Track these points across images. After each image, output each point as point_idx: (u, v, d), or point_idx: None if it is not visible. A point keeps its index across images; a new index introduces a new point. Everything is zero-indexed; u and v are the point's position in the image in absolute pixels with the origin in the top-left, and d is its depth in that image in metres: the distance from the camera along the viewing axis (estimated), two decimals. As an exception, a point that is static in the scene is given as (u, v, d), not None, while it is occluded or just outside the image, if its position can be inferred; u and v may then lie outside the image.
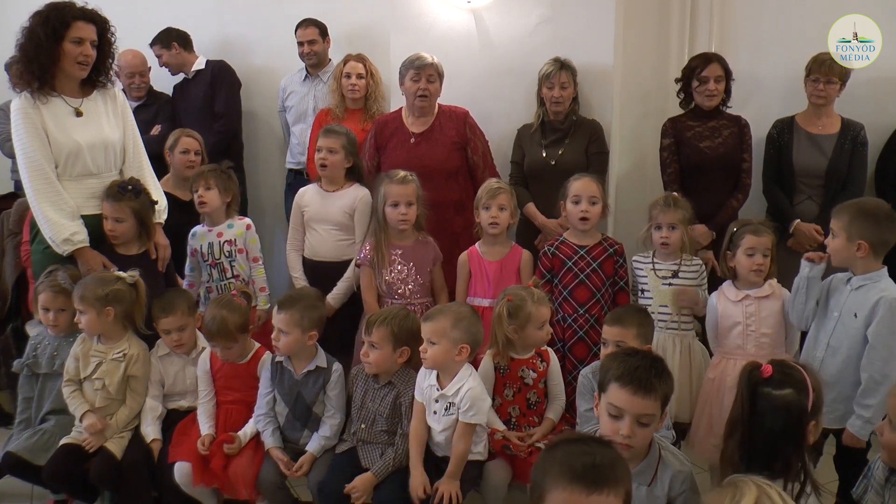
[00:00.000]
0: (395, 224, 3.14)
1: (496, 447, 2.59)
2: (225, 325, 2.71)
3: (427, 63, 3.48)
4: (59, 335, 2.91)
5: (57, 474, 2.68)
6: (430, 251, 3.23)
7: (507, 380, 2.68)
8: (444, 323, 2.47)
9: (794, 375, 1.93)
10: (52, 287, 2.82)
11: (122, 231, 3.02)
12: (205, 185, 3.29)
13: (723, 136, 3.58)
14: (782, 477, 1.86)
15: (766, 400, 1.90)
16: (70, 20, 2.85)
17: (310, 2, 4.56)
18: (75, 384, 2.80)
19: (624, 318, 2.57)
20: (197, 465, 2.64)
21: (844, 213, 2.51)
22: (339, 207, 3.38)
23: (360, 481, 2.51)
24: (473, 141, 3.60)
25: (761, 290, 2.76)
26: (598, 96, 3.79)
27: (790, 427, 1.87)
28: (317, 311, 2.70)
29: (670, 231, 2.96)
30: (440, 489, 2.42)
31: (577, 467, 1.46)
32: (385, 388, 2.65)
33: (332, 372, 2.71)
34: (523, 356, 2.70)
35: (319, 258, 3.42)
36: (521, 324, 2.63)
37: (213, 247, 3.32)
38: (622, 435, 1.92)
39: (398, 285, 3.15)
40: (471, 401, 2.43)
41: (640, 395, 1.92)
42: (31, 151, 2.86)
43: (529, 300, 2.64)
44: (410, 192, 3.13)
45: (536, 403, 2.71)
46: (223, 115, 4.58)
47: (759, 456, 1.89)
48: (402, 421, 2.62)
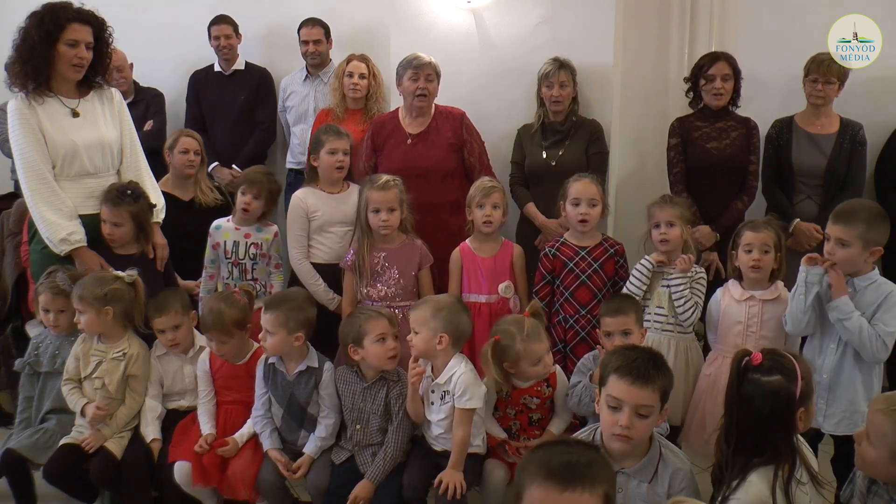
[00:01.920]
0: (376, 230, 3.13)
1: (493, 444, 2.60)
2: (221, 318, 2.70)
3: (425, 62, 3.48)
4: (61, 334, 2.91)
5: (56, 474, 2.68)
6: (417, 254, 3.20)
7: (508, 403, 2.64)
8: (425, 312, 2.52)
9: (783, 363, 1.96)
10: (52, 288, 2.82)
11: (121, 235, 3.03)
12: (255, 193, 3.34)
13: (730, 138, 3.57)
14: (772, 463, 1.89)
15: (754, 385, 1.94)
16: (65, 22, 2.84)
17: (310, 2, 4.56)
18: (75, 383, 2.80)
19: (622, 307, 2.65)
20: (197, 464, 2.64)
21: (856, 221, 2.45)
22: (351, 206, 3.35)
23: (359, 489, 2.52)
24: (470, 142, 3.60)
25: (767, 292, 2.75)
26: (598, 96, 3.79)
27: (778, 412, 1.90)
28: (303, 313, 2.68)
29: (668, 228, 2.93)
30: (444, 480, 2.42)
31: (553, 465, 1.48)
32: (376, 385, 2.65)
33: (324, 371, 2.70)
34: (526, 385, 2.60)
35: (335, 262, 3.34)
36: (512, 361, 2.51)
37: (239, 246, 3.35)
38: (621, 426, 1.93)
39: (380, 288, 3.14)
40: (464, 385, 2.44)
41: (639, 386, 1.94)
42: (27, 152, 2.86)
43: (518, 338, 2.48)
44: (392, 197, 3.11)
45: (539, 420, 2.66)
46: (268, 126, 4.65)
47: (747, 439, 1.93)
48: (392, 417, 2.62)
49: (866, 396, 2.53)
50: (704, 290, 2.93)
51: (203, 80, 4.70)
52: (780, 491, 1.83)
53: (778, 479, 1.85)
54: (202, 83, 4.70)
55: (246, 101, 4.61)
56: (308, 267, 3.34)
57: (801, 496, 1.85)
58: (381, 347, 2.60)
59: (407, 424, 2.64)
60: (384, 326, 2.61)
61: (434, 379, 2.54)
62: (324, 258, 3.37)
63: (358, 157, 3.65)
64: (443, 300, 2.61)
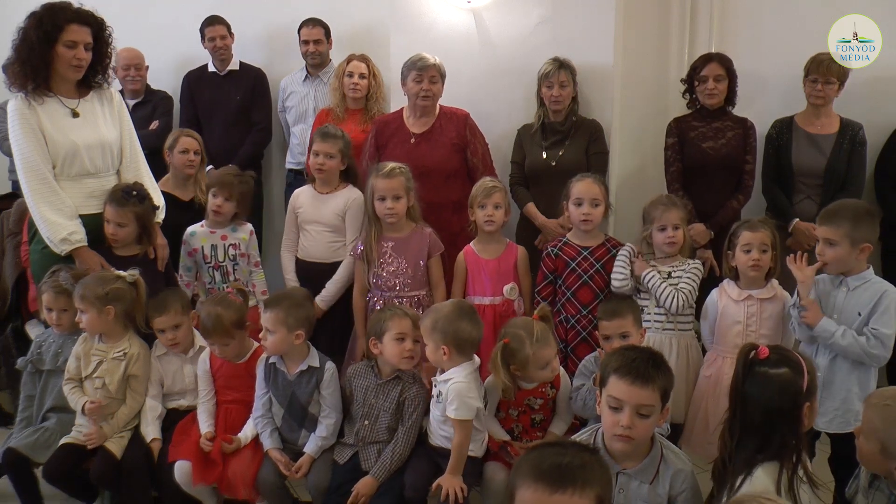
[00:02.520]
0: (383, 218, 3.14)
1: (494, 447, 2.60)
2: (220, 321, 2.71)
3: (430, 64, 3.49)
4: (64, 333, 2.91)
5: (56, 474, 2.68)
6: (426, 242, 3.18)
7: (511, 404, 2.64)
8: (427, 324, 2.53)
9: (790, 357, 1.98)
10: (54, 287, 2.82)
11: (124, 235, 3.03)
12: (226, 195, 3.33)
13: (727, 138, 3.59)
14: (777, 459, 1.89)
15: (762, 378, 1.95)
16: (63, 23, 2.83)
17: (310, 2, 4.56)
18: (76, 382, 2.80)
19: (619, 310, 2.66)
20: (197, 464, 2.63)
21: (841, 220, 2.51)
22: (331, 209, 3.40)
23: (362, 485, 2.52)
24: (473, 143, 3.60)
25: (763, 291, 2.76)
26: (598, 96, 3.79)
27: (785, 405, 1.91)
28: (303, 310, 2.69)
29: (675, 231, 2.94)
30: (443, 486, 2.42)
31: (544, 466, 1.48)
32: (390, 383, 2.65)
33: (325, 371, 2.70)
34: (530, 387, 2.61)
35: (312, 259, 3.44)
36: (520, 365, 2.52)
37: (217, 249, 3.35)
38: (622, 426, 1.93)
39: (389, 279, 3.14)
40: (454, 394, 2.44)
41: (639, 386, 1.94)
42: (27, 152, 2.86)
43: (528, 342, 2.48)
44: (397, 185, 3.11)
45: (541, 422, 2.66)
46: (264, 126, 4.64)
47: (753, 434, 1.94)
48: (404, 417, 2.62)
49: (861, 395, 2.54)
50: (699, 280, 2.93)
51: (197, 80, 4.69)
52: (784, 487, 1.84)
53: (783, 475, 1.86)
54: (196, 84, 4.68)
55: (241, 101, 4.59)
56: (286, 259, 3.47)
57: (804, 494, 1.86)
58: (398, 346, 2.59)
59: (417, 427, 2.63)
60: (405, 326, 2.60)
61: (440, 374, 2.56)
62: (301, 254, 3.46)
63: (361, 157, 3.67)
64: (441, 310, 2.56)
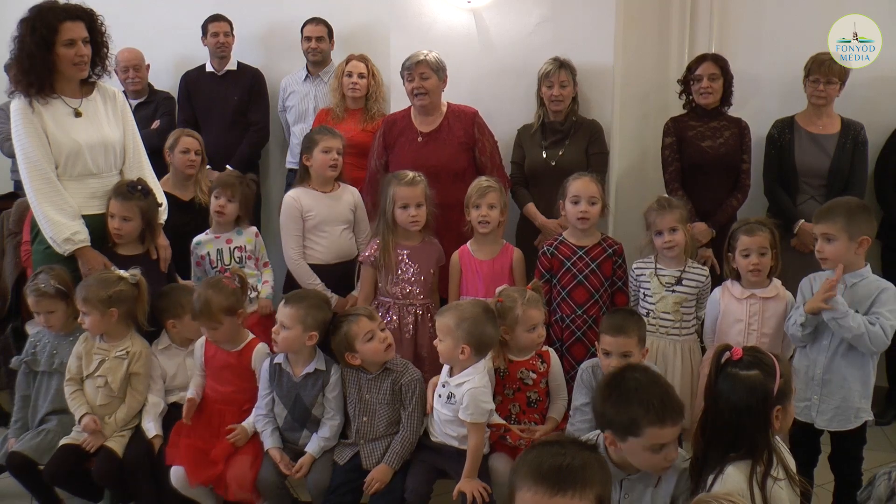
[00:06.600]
0: (405, 226, 3.13)
1: (493, 438, 2.61)
2: (208, 305, 2.70)
3: (418, 61, 3.46)
4: (58, 334, 2.91)
5: (57, 474, 2.69)
6: (435, 252, 3.22)
7: (506, 381, 2.69)
8: (449, 321, 2.50)
9: (763, 360, 1.98)
10: (35, 291, 2.83)
11: (129, 230, 3.02)
12: (228, 196, 3.33)
13: (724, 137, 3.60)
14: (749, 458, 1.90)
15: (732, 378, 1.96)
16: (56, 24, 2.82)
17: (310, 2, 4.56)
18: (77, 384, 2.80)
19: (625, 327, 2.53)
20: (191, 467, 2.64)
21: (836, 215, 2.54)
22: (345, 205, 3.39)
23: (377, 472, 2.55)
24: (482, 141, 3.59)
25: (766, 290, 2.76)
26: (598, 96, 3.79)
27: (754, 407, 1.92)
28: (321, 313, 2.69)
29: (672, 234, 2.92)
30: (465, 490, 2.43)
31: (544, 468, 1.47)
32: (380, 376, 2.66)
33: (331, 374, 2.70)
34: (521, 358, 2.70)
35: (339, 259, 3.39)
36: (509, 325, 2.62)
37: (223, 253, 3.36)
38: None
39: (403, 286, 3.14)
40: (470, 399, 2.44)
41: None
42: (30, 152, 2.86)
43: (520, 301, 2.62)
44: (419, 193, 3.12)
45: (537, 402, 2.71)
46: (261, 126, 4.63)
47: (723, 433, 1.95)
48: (405, 402, 2.63)
49: (861, 393, 2.56)
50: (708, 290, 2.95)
51: (195, 80, 4.68)
52: (756, 486, 1.85)
53: (755, 474, 1.87)
54: (194, 83, 4.67)
55: (239, 101, 4.58)
56: (305, 267, 3.34)
57: (777, 491, 1.87)
58: (373, 344, 2.61)
59: (421, 409, 2.65)
60: (366, 325, 2.61)
61: (449, 376, 2.55)
62: (320, 258, 3.37)
63: (369, 156, 3.68)
64: (468, 309, 2.54)
